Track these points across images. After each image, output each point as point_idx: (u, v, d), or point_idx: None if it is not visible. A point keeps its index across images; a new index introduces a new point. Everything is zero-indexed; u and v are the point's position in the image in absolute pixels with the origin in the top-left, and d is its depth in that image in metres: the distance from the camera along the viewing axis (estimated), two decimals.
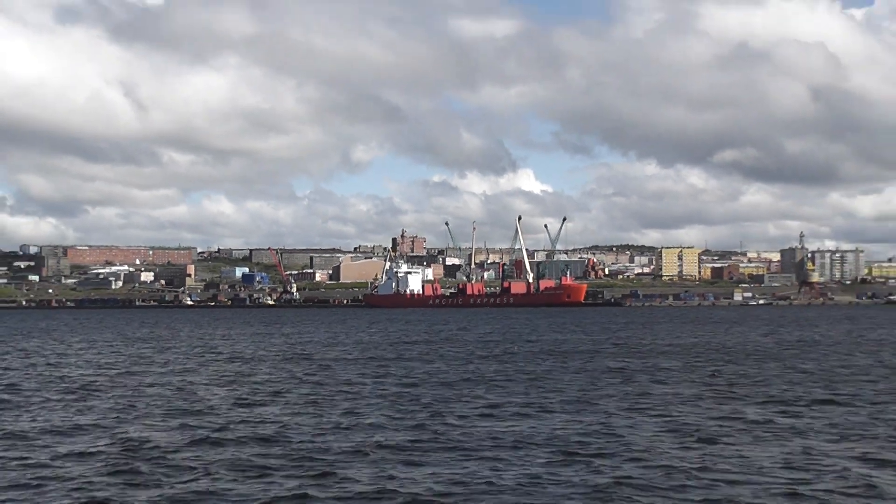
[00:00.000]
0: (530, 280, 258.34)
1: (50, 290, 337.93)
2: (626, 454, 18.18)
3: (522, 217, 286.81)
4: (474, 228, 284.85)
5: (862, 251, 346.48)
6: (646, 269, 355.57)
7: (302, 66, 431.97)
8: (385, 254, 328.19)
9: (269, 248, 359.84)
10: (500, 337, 70.74)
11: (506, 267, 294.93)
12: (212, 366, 42.19)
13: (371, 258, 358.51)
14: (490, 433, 20.37)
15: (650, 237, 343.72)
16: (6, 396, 29.14)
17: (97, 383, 33.58)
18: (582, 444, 19.55)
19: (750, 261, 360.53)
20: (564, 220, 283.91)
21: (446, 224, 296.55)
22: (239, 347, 59.16)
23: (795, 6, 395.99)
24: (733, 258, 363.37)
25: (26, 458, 18.02)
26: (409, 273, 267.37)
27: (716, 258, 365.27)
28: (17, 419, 23.67)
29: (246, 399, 28.09)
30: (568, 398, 27.58)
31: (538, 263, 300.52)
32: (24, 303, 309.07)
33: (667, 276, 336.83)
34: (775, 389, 30.16)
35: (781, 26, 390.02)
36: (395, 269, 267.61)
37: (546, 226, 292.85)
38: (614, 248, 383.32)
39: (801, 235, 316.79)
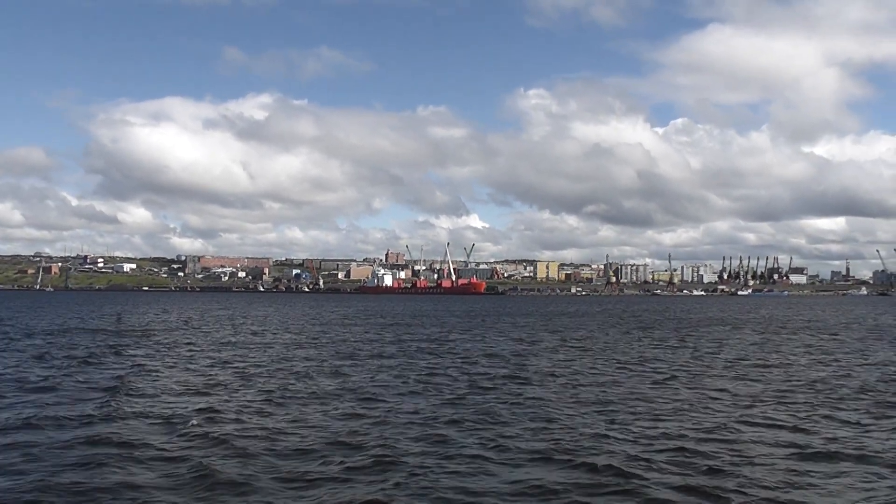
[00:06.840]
0: (453, 279, 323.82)
1: (188, 281, 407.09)
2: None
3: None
4: (422, 249, 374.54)
5: (647, 264, 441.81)
6: (529, 274, 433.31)
7: (343, 153, 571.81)
8: (377, 262, 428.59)
9: (310, 259, 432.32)
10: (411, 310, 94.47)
11: (441, 271, 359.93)
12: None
13: (371, 265, 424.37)
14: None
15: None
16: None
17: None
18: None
19: (591, 270, 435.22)
20: (473, 245, 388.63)
21: (406, 247, 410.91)
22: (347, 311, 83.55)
23: (625, 125, 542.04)
24: (580, 268, 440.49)
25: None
26: (385, 274, 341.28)
27: (569, 268, 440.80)
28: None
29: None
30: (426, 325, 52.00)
31: (458, 269, 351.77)
32: (172, 288, 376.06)
33: (540, 278, 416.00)
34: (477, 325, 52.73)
35: (618, 135, 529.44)
36: (377, 272, 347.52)
37: (465, 248, 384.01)
38: (515, 262, 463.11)
39: (607, 256, 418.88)
